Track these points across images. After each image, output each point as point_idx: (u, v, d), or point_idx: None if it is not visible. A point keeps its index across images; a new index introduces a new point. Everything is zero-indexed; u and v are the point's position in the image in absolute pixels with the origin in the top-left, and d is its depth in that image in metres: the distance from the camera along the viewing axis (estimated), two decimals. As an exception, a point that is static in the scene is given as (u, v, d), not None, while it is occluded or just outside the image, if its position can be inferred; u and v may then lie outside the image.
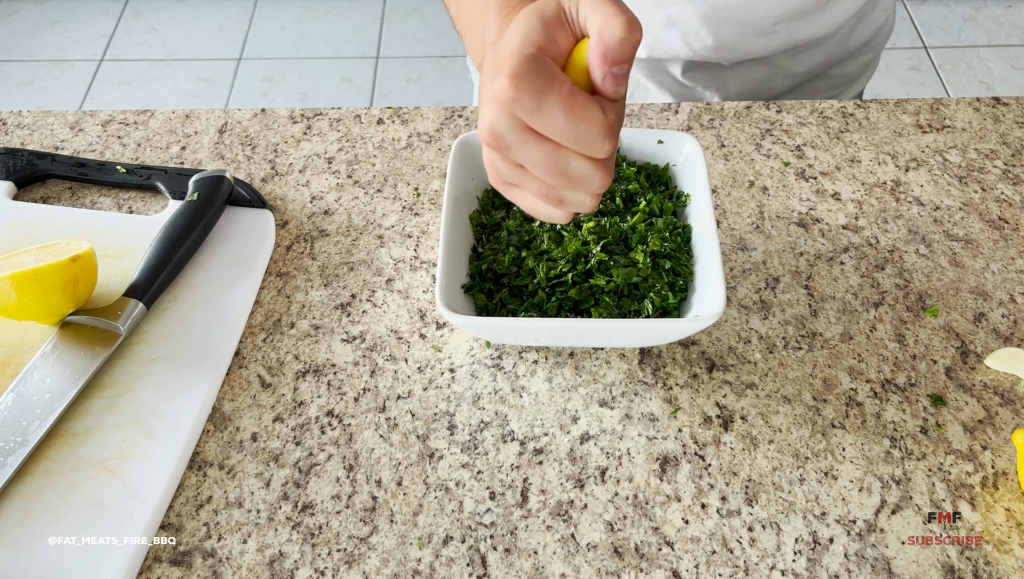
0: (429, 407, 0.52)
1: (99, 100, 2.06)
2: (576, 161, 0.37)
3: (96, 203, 0.64)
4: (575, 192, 0.39)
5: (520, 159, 0.38)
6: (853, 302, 0.57)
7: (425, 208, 0.64)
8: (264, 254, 0.60)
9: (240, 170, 0.67)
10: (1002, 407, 0.52)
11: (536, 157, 0.37)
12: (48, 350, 0.52)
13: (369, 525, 0.47)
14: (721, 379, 0.53)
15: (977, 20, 2.23)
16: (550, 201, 0.40)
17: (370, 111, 0.71)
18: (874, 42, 0.84)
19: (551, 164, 0.37)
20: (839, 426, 0.51)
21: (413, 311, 0.57)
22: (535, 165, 0.38)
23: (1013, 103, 0.71)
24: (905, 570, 0.45)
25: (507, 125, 0.37)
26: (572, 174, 0.37)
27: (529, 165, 0.38)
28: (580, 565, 0.45)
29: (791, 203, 0.63)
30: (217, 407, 0.52)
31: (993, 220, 0.62)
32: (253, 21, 2.29)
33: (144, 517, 0.46)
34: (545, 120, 0.36)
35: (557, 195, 0.39)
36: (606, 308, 0.51)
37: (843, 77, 0.84)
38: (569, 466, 0.49)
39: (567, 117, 0.35)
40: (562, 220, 0.42)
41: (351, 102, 2.06)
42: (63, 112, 0.72)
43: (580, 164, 0.37)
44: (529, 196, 0.41)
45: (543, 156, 0.37)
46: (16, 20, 2.30)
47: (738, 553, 0.46)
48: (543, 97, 0.35)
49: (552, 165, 0.37)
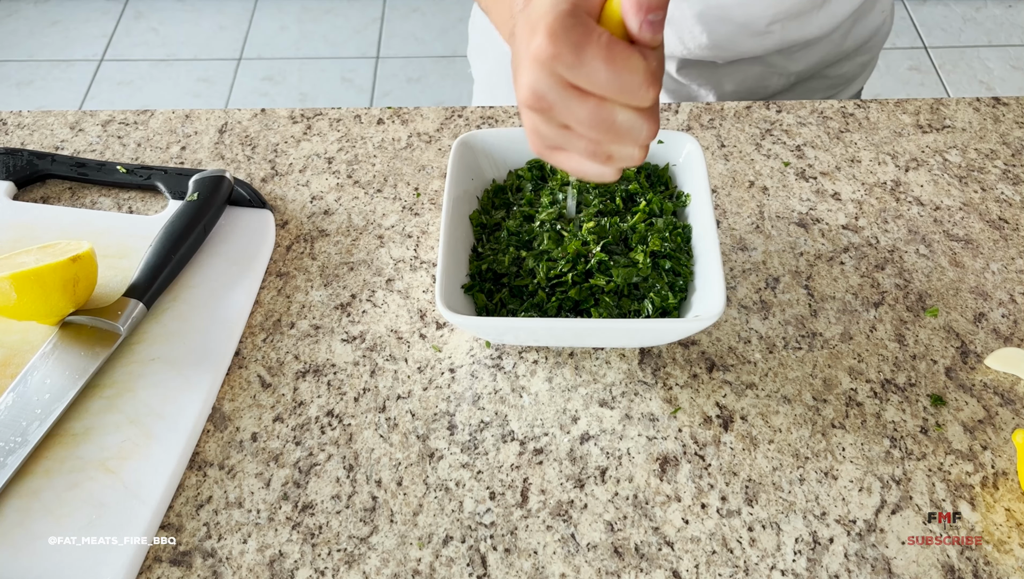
0: (429, 407, 0.52)
1: (99, 100, 2.06)
2: (622, 112, 0.37)
3: (96, 203, 0.64)
4: (623, 145, 0.38)
5: (564, 118, 0.38)
6: (853, 302, 0.57)
7: (425, 208, 0.64)
8: (264, 254, 0.60)
9: (240, 170, 0.67)
10: (1002, 407, 0.52)
11: (581, 114, 0.37)
12: (48, 350, 0.52)
13: (369, 525, 0.47)
14: (721, 379, 0.53)
15: (977, 20, 2.23)
16: (598, 159, 0.39)
17: (370, 111, 0.71)
18: (872, 43, 0.84)
19: (597, 119, 0.37)
20: (839, 426, 0.51)
21: (413, 311, 0.57)
22: (580, 122, 0.37)
23: (1013, 103, 0.71)
24: (905, 570, 0.45)
25: (548, 84, 0.36)
26: (619, 127, 0.37)
27: (574, 123, 0.37)
28: (580, 565, 0.45)
29: (791, 203, 0.63)
30: (217, 407, 0.52)
31: (993, 220, 0.62)
32: (253, 21, 2.29)
33: (144, 517, 0.46)
34: (587, 73, 0.35)
35: (605, 151, 0.39)
36: (606, 308, 0.51)
37: (840, 77, 0.84)
38: (569, 466, 0.49)
39: (609, 68, 0.35)
40: (612, 178, 0.41)
41: (351, 102, 2.06)
42: (63, 112, 0.72)
43: (626, 115, 0.37)
44: (576, 158, 0.40)
45: (588, 112, 0.37)
46: (16, 20, 2.30)
47: (738, 553, 0.46)
48: (583, 50, 0.35)
49: (598, 119, 0.37)
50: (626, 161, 0.39)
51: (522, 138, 0.59)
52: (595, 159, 0.39)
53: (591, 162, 0.40)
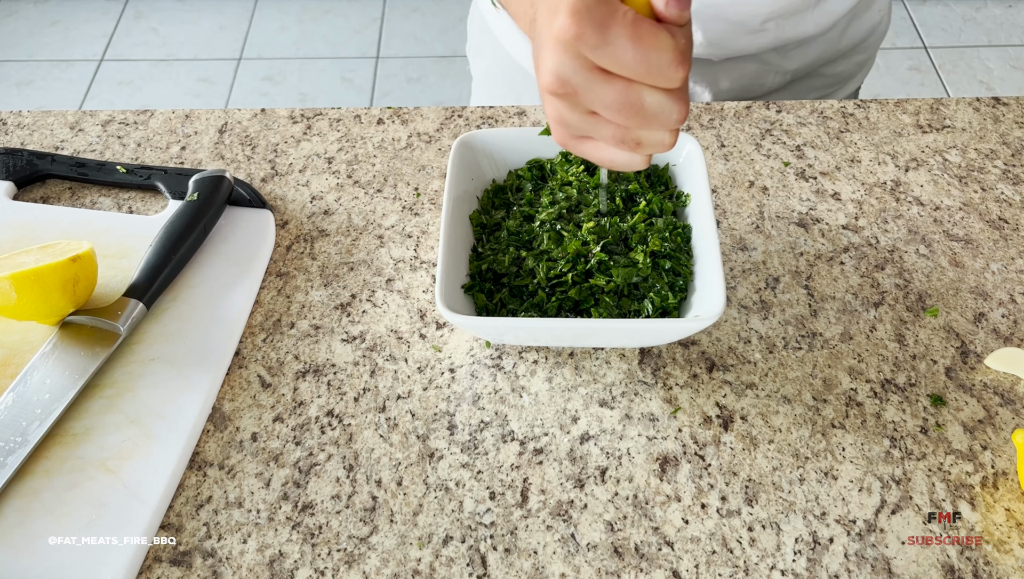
0: (429, 407, 0.52)
1: (99, 100, 2.06)
2: (650, 95, 0.35)
3: (96, 203, 0.64)
4: (652, 130, 0.36)
5: (590, 103, 0.36)
6: (853, 302, 0.57)
7: (425, 208, 0.64)
8: (264, 254, 0.60)
9: (240, 170, 0.67)
10: (1002, 407, 0.52)
11: (608, 97, 0.35)
12: (48, 350, 0.52)
13: (369, 525, 0.47)
14: (721, 379, 0.53)
15: (977, 20, 2.23)
16: (626, 146, 0.37)
17: (370, 111, 0.71)
18: (868, 42, 0.84)
19: (624, 102, 0.35)
20: (839, 426, 0.51)
21: (413, 311, 0.57)
22: (607, 107, 0.35)
23: (1013, 103, 0.71)
24: (905, 570, 0.45)
25: (573, 67, 0.34)
26: (648, 110, 0.35)
27: (601, 108, 0.36)
28: (580, 565, 0.45)
29: (791, 203, 0.63)
30: (217, 407, 0.52)
31: (993, 220, 0.62)
32: (253, 21, 2.29)
33: (144, 517, 0.46)
34: (613, 53, 0.33)
35: (634, 137, 0.37)
36: (606, 308, 0.51)
37: (836, 76, 0.84)
38: (569, 466, 0.49)
39: (635, 47, 0.33)
40: (641, 165, 0.39)
41: (351, 102, 2.06)
42: (63, 112, 0.72)
43: (655, 97, 0.35)
44: (603, 146, 0.38)
45: (615, 95, 0.35)
46: (16, 20, 2.30)
47: (738, 553, 0.46)
48: (607, 29, 0.33)
49: (626, 103, 0.35)
50: (656, 147, 0.37)
51: (522, 138, 0.59)
52: (623, 146, 0.37)
53: (619, 150, 0.38)
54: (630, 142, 0.37)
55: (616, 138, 0.37)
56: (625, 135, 0.37)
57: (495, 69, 0.88)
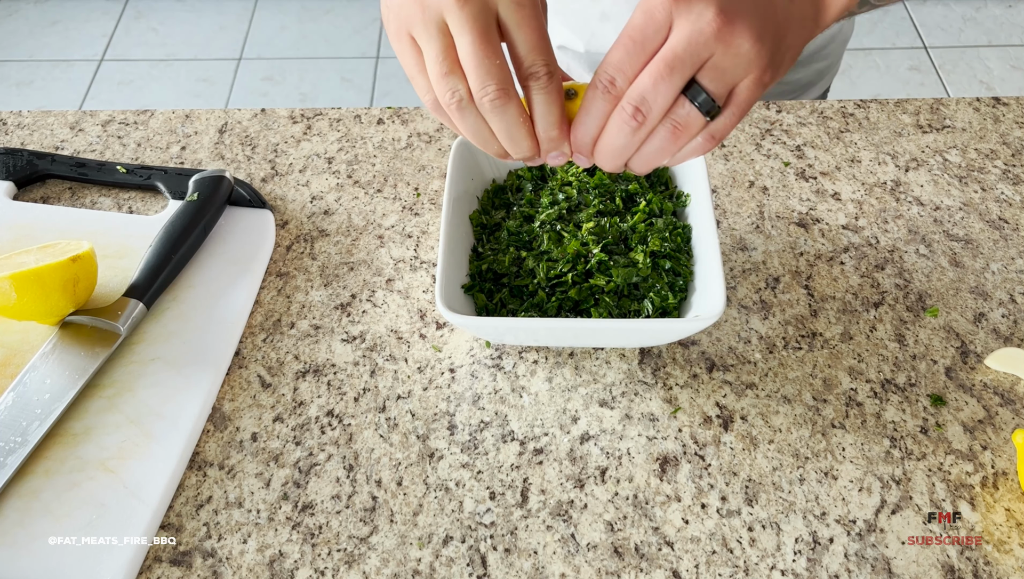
0: (429, 407, 0.52)
1: (99, 100, 2.06)
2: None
3: (96, 203, 0.64)
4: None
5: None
6: (853, 302, 0.57)
7: (425, 208, 0.64)
8: (264, 254, 0.60)
9: (240, 170, 0.67)
10: (1002, 407, 0.52)
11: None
12: (48, 350, 0.52)
13: (369, 525, 0.47)
14: (721, 379, 0.53)
15: (977, 20, 2.23)
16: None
17: (370, 111, 0.71)
18: (828, 50, 0.80)
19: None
20: (839, 426, 0.51)
21: (413, 311, 0.57)
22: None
23: (1013, 103, 0.71)
24: (905, 570, 0.45)
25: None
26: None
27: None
28: (580, 565, 0.45)
29: (791, 203, 0.63)
30: (217, 407, 0.52)
31: (993, 220, 0.62)
32: (253, 21, 2.29)
33: (144, 517, 0.46)
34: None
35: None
36: (606, 308, 0.51)
37: (794, 83, 0.81)
38: (569, 466, 0.49)
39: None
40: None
41: (351, 102, 2.06)
42: (63, 112, 0.72)
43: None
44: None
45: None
46: (16, 20, 2.30)
47: (738, 553, 0.46)
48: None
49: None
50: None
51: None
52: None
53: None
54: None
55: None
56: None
57: None
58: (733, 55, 0.36)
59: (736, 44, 0.36)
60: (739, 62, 0.37)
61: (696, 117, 0.38)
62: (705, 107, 0.38)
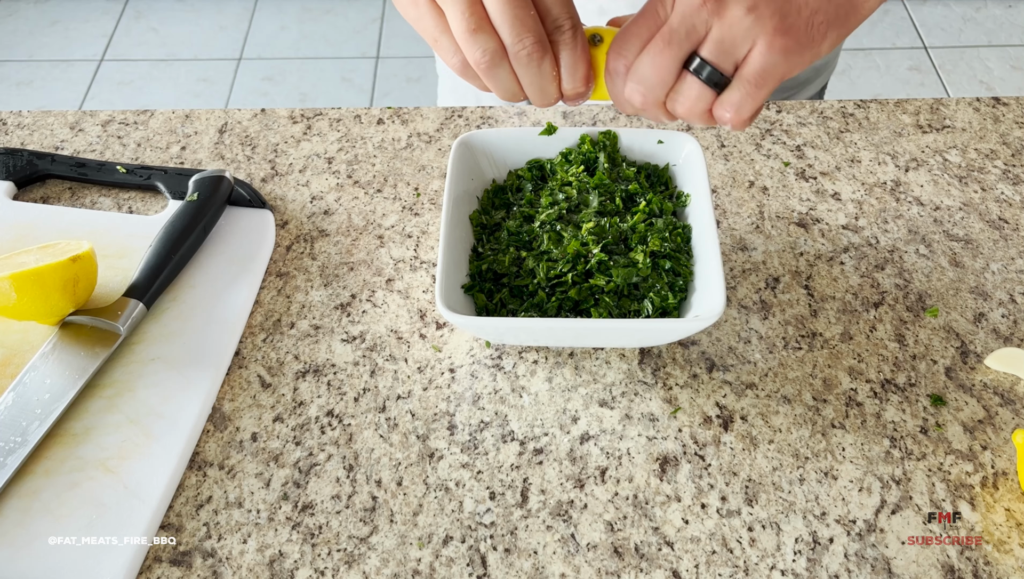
0: (429, 407, 0.52)
1: (99, 100, 2.06)
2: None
3: (96, 203, 0.64)
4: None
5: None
6: (853, 302, 0.57)
7: (425, 208, 0.64)
8: (264, 254, 0.60)
9: (240, 170, 0.67)
10: (1002, 407, 0.52)
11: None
12: (48, 350, 0.52)
13: (369, 525, 0.47)
14: (721, 379, 0.53)
15: (977, 20, 2.23)
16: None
17: (370, 111, 0.71)
18: None
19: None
20: (839, 426, 0.51)
21: (413, 311, 0.57)
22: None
23: (1013, 103, 0.71)
24: (905, 570, 0.45)
25: None
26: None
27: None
28: (580, 565, 0.45)
29: (791, 203, 0.63)
30: (217, 407, 0.52)
31: (993, 220, 0.62)
32: (253, 21, 2.29)
33: (144, 517, 0.46)
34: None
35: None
36: (606, 308, 0.51)
37: (790, 80, 0.80)
38: (569, 466, 0.49)
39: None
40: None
41: (351, 102, 2.06)
42: (63, 112, 0.72)
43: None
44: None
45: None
46: (16, 20, 2.30)
47: (738, 553, 0.46)
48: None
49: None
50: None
51: (522, 138, 0.59)
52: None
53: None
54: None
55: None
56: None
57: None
58: (729, 26, 0.37)
59: (728, 15, 0.37)
60: (737, 32, 0.37)
61: (702, 89, 0.39)
62: (712, 79, 0.38)
